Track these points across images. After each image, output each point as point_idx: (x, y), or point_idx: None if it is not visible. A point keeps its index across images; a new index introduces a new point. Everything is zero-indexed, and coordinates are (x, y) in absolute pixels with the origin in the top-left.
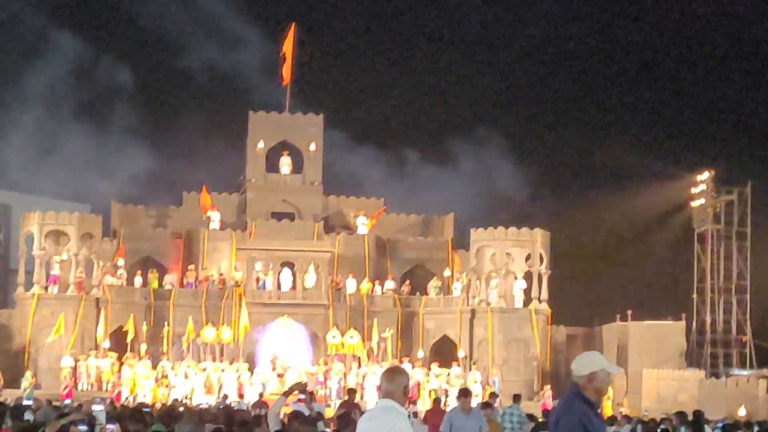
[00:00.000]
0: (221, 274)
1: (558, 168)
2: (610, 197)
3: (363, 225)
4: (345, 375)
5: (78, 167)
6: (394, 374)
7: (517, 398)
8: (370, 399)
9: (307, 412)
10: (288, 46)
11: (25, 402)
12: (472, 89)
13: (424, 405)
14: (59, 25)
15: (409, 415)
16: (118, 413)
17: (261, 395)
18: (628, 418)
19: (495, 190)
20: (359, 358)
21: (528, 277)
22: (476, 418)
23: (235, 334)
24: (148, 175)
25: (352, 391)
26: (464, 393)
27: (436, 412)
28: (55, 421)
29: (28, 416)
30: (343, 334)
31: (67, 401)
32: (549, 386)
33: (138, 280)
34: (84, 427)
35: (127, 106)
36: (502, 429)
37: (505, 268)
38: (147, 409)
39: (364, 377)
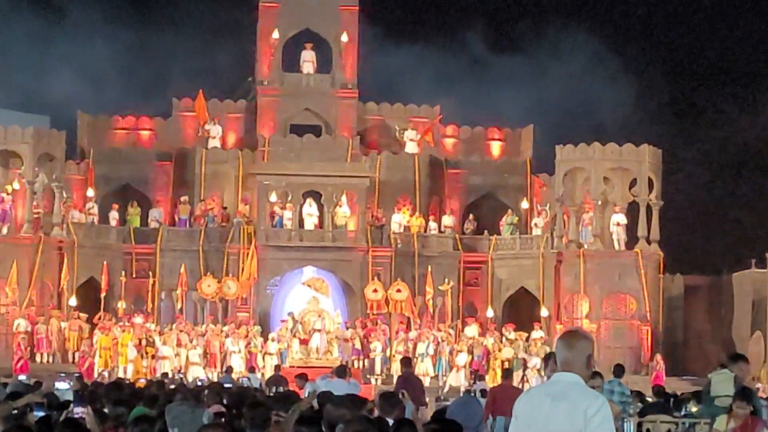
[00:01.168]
0: (224, 208)
1: (670, 67)
2: (742, 104)
3: (412, 141)
4: (390, 341)
5: (33, 68)
6: (575, 339)
7: (618, 370)
8: (422, 373)
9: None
10: None
11: None
12: None
13: (494, 381)
14: None
15: (474, 393)
16: (90, 392)
17: (278, 367)
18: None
19: (587, 96)
20: (408, 318)
21: (633, 210)
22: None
23: (243, 287)
24: (126, 78)
25: (407, 361)
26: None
27: (505, 390)
28: (3, 404)
29: None
30: (386, 288)
31: (22, 377)
32: (661, 355)
33: (114, 216)
34: (41, 413)
35: None
36: None
37: (602, 198)
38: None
39: (414, 345)
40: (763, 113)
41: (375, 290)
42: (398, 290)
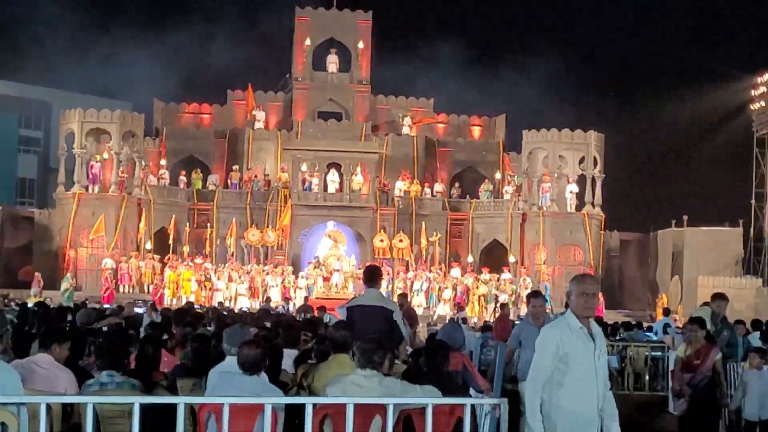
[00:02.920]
0: (266, 175)
1: (613, 67)
2: (667, 99)
3: (410, 126)
4: (393, 280)
5: (120, 64)
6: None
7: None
8: (417, 305)
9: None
10: None
11: (65, 304)
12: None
13: (472, 311)
14: None
15: (457, 320)
16: (164, 313)
17: (306, 299)
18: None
19: (548, 91)
20: (407, 262)
21: (581, 181)
22: None
23: (280, 236)
24: (192, 73)
25: (404, 297)
26: (535, 295)
27: (504, 320)
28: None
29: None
30: (391, 238)
31: (108, 307)
32: (601, 294)
33: (181, 180)
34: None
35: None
36: None
37: (557, 172)
38: (198, 309)
39: (411, 283)
40: (684, 104)
41: (381, 240)
42: (400, 240)
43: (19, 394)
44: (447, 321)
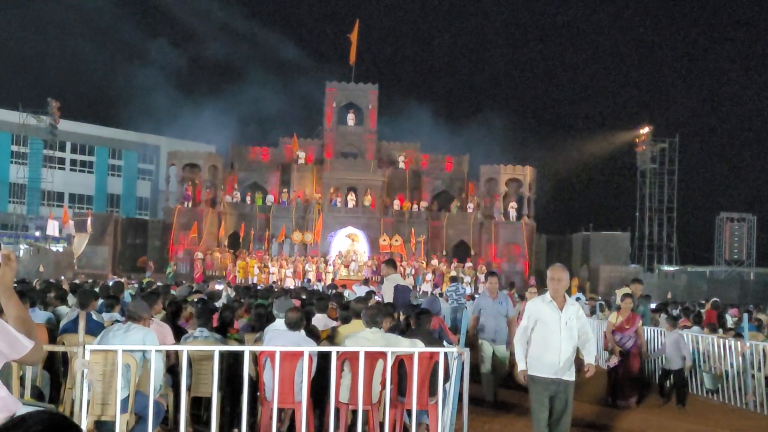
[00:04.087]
0: (306, 196)
1: (544, 117)
2: (579, 141)
3: (403, 162)
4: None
5: (206, 116)
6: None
7: (511, 286)
8: (408, 283)
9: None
10: (354, 36)
11: (169, 283)
12: (479, 73)
13: (445, 289)
14: None
15: (435, 296)
16: (236, 289)
17: (333, 280)
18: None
19: (499, 136)
20: (401, 255)
21: (521, 199)
22: (504, 301)
23: (315, 237)
24: (256, 124)
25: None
26: (491, 274)
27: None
28: (191, 294)
29: (173, 292)
30: (391, 239)
31: (198, 285)
32: (534, 277)
33: (248, 199)
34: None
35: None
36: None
37: (504, 193)
38: (259, 287)
39: (404, 269)
40: (588, 148)
41: (384, 240)
42: (396, 240)
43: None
44: (429, 295)
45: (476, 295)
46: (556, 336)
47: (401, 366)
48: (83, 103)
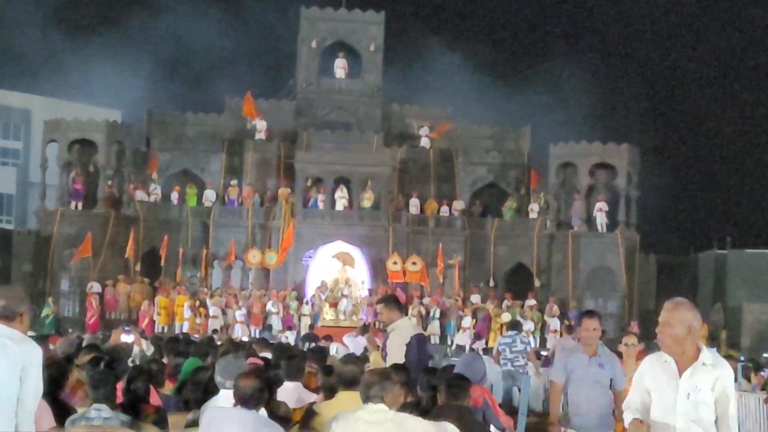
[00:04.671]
0: (267, 191)
1: (648, 75)
2: (707, 106)
3: (426, 137)
4: (406, 306)
5: (108, 70)
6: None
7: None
8: (432, 333)
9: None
10: None
11: (47, 332)
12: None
13: (494, 341)
14: None
15: (477, 353)
16: (155, 342)
17: (312, 327)
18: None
19: (577, 102)
20: (422, 287)
21: (614, 198)
22: (608, 362)
23: (282, 257)
24: (186, 79)
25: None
26: (589, 314)
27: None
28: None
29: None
30: (405, 260)
31: (92, 336)
32: (636, 322)
33: (174, 196)
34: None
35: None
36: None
37: (588, 188)
38: (193, 338)
39: (427, 310)
40: (733, 117)
41: (395, 262)
42: (413, 263)
43: None
44: (467, 352)
45: (544, 352)
46: (669, 417)
47: None
48: None
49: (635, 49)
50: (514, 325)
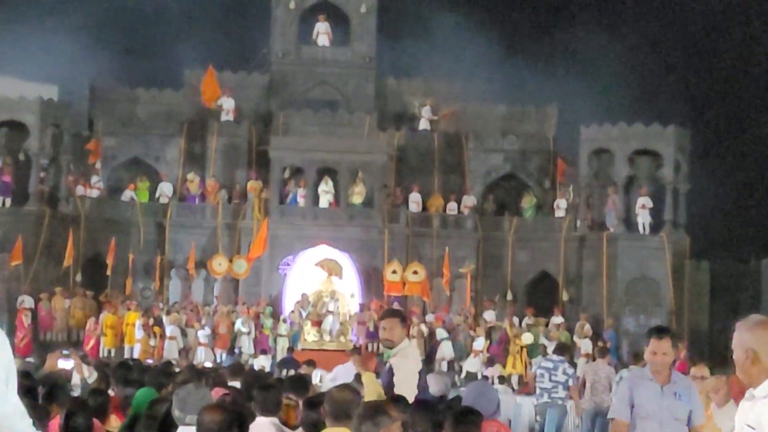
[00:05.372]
0: (237, 184)
1: (699, 44)
2: None
3: (430, 119)
4: (407, 325)
5: (43, 36)
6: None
7: (637, 358)
8: (443, 356)
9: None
10: None
11: None
12: None
13: (513, 367)
14: None
15: (492, 381)
16: (99, 368)
17: (291, 351)
18: None
19: (613, 75)
20: (424, 302)
21: (659, 192)
22: (685, 392)
23: (255, 266)
24: (138, 50)
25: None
26: (660, 332)
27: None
28: None
29: None
30: (404, 268)
31: (22, 361)
32: (685, 342)
33: (122, 191)
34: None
35: None
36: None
37: (626, 180)
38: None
39: (431, 330)
40: None
41: (394, 271)
42: (414, 272)
43: None
44: (479, 379)
45: (618, 376)
46: None
47: None
48: None
49: (685, 10)
50: (561, 349)
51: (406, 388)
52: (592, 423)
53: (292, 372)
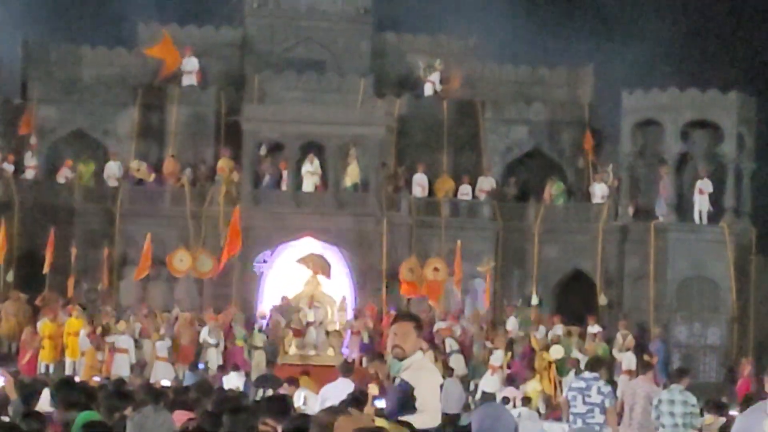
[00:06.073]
0: (203, 163)
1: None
2: None
3: (436, 84)
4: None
5: None
6: None
7: (682, 374)
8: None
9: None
10: None
11: None
12: None
13: (543, 384)
14: None
15: (514, 403)
16: (34, 388)
17: (273, 366)
18: None
19: (662, 31)
20: (430, 306)
21: (719, 173)
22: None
23: (221, 261)
24: (84, 2)
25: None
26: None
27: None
28: None
29: None
30: (415, 268)
31: None
32: (750, 360)
33: (64, 172)
34: None
35: None
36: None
37: (679, 158)
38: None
39: (442, 340)
40: None
41: (411, 269)
42: (435, 269)
43: None
44: (497, 401)
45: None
46: None
47: None
48: None
49: None
50: (595, 364)
51: (431, 406)
52: None
53: (270, 392)
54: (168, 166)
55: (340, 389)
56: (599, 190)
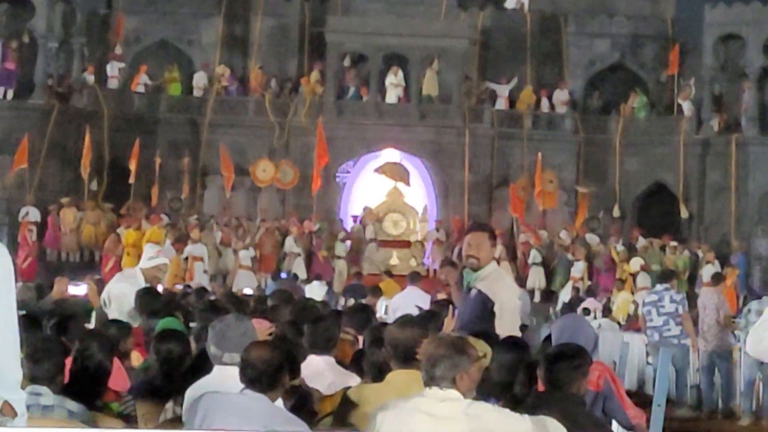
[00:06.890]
0: (286, 76)
1: None
2: None
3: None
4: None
5: None
6: None
7: None
8: (534, 285)
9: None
10: None
11: None
12: None
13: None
14: None
15: (594, 314)
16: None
17: (359, 275)
18: None
19: None
20: (514, 219)
21: None
22: None
23: (308, 172)
24: None
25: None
26: None
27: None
28: None
29: None
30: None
31: (26, 285)
32: None
33: (146, 82)
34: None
35: None
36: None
37: (762, 72)
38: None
39: (523, 252)
40: None
41: (524, 188)
42: (551, 181)
43: None
44: (578, 312)
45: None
46: None
47: None
48: None
49: None
50: (664, 276)
51: (510, 317)
52: (709, 367)
53: (353, 302)
54: (255, 77)
55: (409, 298)
56: (686, 107)
